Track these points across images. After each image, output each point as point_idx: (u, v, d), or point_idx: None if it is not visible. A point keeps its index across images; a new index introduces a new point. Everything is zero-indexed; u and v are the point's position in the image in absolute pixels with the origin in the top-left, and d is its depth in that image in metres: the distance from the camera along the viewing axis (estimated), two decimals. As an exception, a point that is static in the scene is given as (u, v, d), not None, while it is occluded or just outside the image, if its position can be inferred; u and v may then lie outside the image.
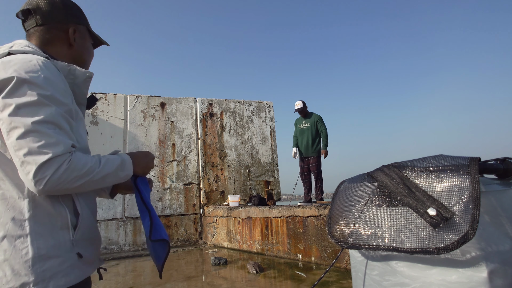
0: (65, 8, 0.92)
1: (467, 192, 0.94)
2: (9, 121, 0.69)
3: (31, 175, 0.68)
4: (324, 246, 4.57)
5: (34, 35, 0.90)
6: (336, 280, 3.77)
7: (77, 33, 0.95)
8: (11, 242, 0.70)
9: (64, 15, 0.92)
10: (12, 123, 0.69)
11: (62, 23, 0.92)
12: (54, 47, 0.91)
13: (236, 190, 8.27)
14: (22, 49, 0.81)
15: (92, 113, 7.37)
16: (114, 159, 0.84)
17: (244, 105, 8.98)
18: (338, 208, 1.28)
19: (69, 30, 0.93)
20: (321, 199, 5.83)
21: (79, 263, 0.78)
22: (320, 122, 5.86)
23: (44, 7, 0.88)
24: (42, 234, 0.73)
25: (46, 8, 0.89)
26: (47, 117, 0.71)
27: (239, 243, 6.37)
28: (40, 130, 0.70)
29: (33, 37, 0.90)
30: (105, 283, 4.36)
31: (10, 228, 0.71)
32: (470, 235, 0.89)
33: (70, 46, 0.93)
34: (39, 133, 0.69)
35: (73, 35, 0.93)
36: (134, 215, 7.27)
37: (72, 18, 0.94)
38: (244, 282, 4.04)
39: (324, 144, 5.77)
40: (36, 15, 0.88)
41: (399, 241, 1.02)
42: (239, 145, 8.61)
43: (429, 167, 1.06)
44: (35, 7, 0.88)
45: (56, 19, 0.91)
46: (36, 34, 0.89)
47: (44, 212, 0.74)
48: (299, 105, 6.01)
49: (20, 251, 0.70)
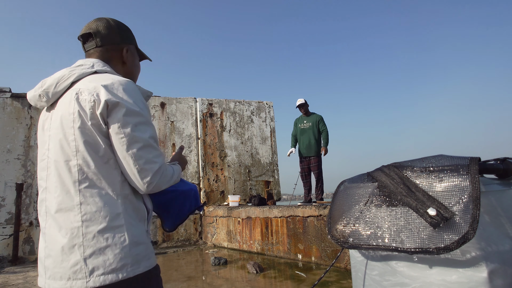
0: (120, 31, 1.07)
1: (467, 192, 0.94)
2: (130, 136, 0.87)
3: (147, 179, 0.88)
4: (324, 246, 4.57)
5: (94, 55, 1.03)
6: (336, 280, 3.77)
7: (129, 52, 1.09)
8: (111, 231, 0.85)
9: (119, 37, 1.07)
10: (133, 138, 0.87)
11: (118, 44, 1.06)
12: (112, 65, 1.05)
13: (236, 190, 8.27)
14: (104, 69, 0.98)
15: (92, 113, 7.38)
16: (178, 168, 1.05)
17: (244, 105, 8.98)
18: (338, 208, 1.28)
19: (123, 50, 1.07)
20: (321, 199, 5.82)
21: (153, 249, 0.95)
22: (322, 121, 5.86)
23: (103, 31, 1.03)
24: (132, 225, 0.88)
25: (104, 32, 1.03)
26: (152, 134, 0.92)
27: (239, 243, 6.37)
28: (152, 145, 0.91)
29: (93, 56, 1.03)
30: (105, 283, 4.36)
31: (110, 220, 0.85)
32: (470, 235, 0.89)
33: (123, 63, 1.08)
34: (151, 147, 0.90)
35: (126, 54, 1.08)
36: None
37: (125, 39, 1.08)
38: (244, 282, 4.04)
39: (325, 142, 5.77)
40: (96, 38, 1.02)
41: (399, 241, 1.02)
42: (239, 145, 8.61)
43: (429, 167, 1.06)
44: (95, 31, 1.03)
45: (113, 41, 1.05)
46: (95, 54, 1.03)
47: (131, 207, 0.91)
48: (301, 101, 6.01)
49: (119, 238, 0.85)
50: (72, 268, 0.82)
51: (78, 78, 0.93)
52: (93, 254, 0.82)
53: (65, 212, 0.86)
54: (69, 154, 0.87)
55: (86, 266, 0.82)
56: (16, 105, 6.84)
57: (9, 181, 6.52)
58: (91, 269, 0.82)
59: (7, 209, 6.41)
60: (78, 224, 0.84)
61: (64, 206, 0.86)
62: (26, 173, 6.68)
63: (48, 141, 0.93)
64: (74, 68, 0.95)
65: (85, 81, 0.92)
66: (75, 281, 0.82)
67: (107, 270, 0.82)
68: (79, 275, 0.82)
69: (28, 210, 6.57)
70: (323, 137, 5.83)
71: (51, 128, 0.92)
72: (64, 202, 0.86)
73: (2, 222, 6.35)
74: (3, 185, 6.47)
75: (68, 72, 0.93)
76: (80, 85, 0.91)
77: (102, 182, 0.87)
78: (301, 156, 5.98)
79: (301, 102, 6.04)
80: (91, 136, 0.87)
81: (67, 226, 0.85)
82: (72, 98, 0.89)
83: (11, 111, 6.78)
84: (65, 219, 0.85)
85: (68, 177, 0.87)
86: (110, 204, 0.86)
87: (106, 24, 1.05)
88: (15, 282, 4.52)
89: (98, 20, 1.05)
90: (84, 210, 0.85)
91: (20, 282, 4.52)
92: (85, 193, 0.86)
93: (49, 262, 0.86)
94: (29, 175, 6.69)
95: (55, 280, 0.84)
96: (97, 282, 0.81)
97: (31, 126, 6.87)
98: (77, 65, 0.97)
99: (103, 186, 0.87)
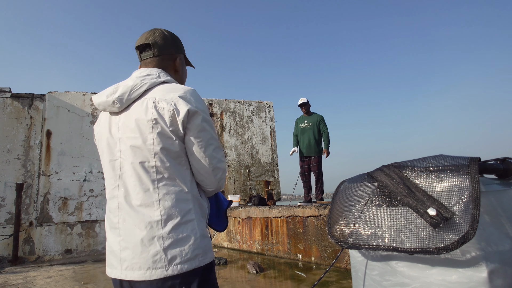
0: (174, 42, 1.16)
1: (467, 192, 0.94)
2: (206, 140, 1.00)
3: (218, 176, 1.04)
4: (324, 246, 4.57)
5: (150, 64, 1.12)
6: (336, 280, 3.77)
7: (181, 61, 1.19)
8: (185, 225, 0.94)
9: (174, 48, 1.16)
10: (208, 141, 1.00)
11: (172, 54, 1.16)
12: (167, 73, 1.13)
13: (236, 190, 8.27)
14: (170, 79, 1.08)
15: (92, 113, 7.37)
16: None
17: (244, 105, 8.98)
18: (338, 208, 1.28)
19: (177, 60, 1.17)
20: (321, 199, 5.82)
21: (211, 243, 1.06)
22: (322, 122, 5.87)
23: (159, 42, 1.12)
24: (200, 220, 0.99)
25: (161, 43, 1.12)
26: (217, 136, 1.06)
27: (239, 243, 6.38)
28: (220, 146, 1.05)
29: (150, 65, 1.12)
30: (105, 283, 4.36)
31: (184, 215, 0.95)
32: (470, 235, 0.89)
33: (176, 71, 1.18)
34: (219, 148, 1.05)
35: (178, 63, 1.18)
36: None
37: (178, 49, 1.18)
38: (244, 282, 4.04)
39: (326, 144, 5.77)
40: (154, 48, 1.11)
41: (399, 241, 1.02)
42: (239, 145, 8.61)
43: (429, 167, 1.06)
44: (153, 41, 1.11)
45: (168, 51, 1.14)
46: (152, 63, 1.12)
47: (198, 204, 1.01)
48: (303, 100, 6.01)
49: (192, 231, 0.95)
50: (152, 258, 0.90)
51: (150, 87, 1.02)
52: (171, 245, 0.91)
53: (145, 207, 0.94)
54: (147, 156, 0.96)
55: (165, 256, 0.90)
56: (16, 105, 6.84)
57: (9, 181, 6.53)
58: (170, 258, 0.90)
59: (7, 209, 6.41)
60: (157, 218, 0.93)
61: (144, 202, 0.94)
62: (26, 173, 6.68)
63: (118, 143, 1.01)
64: (143, 78, 1.04)
65: (158, 90, 1.01)
66: (155, 270, 0.89)
67: (183, 260, 0.91)
68: (159, 264, 0.89)
69: (28, 210, 6.58)
70: (324, 139, 5.83)
71: (123, 132, 1.00)
72: (144, 199, 0.95)
73: (2, 222, 6.35)
74: (3, 185, 6.47)
75: (139, 81, 1.02)
76: (155, 94, 1.00)
77: (176, 181, 0.97)
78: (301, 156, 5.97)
79: (303, 101, 6.04)
80: (169, 140, 0.96)
81: (146, 220, 0.93)
82: (149, 106, 0.97)
83: (11, 111, 6.78)
84: (144, 214, 0.94)
85: (147, 176, 0.96)
86: (183, 200, 0.97)
87: (162, 35, 1.14)
88: (15, 282, 4.52)
89: (154, 31, 1.14)
90: (162, 206, 0.94)
91: (20, 282, 4.52)
92: (162, 191, 0.95)
93: (127, 254, 0.94)
94: (29, 175, 6.69)
95: (134, 270, 0.91)
96: (175, 270, 0.90)
97: (31, 126, 6.87)
98: (144, 74, 1.05)
99: (177, 184, 0.97)
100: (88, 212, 6.93)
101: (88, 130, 7.25)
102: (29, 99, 6.97)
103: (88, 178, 7.07)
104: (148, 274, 0.90)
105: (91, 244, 6.85)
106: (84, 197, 6.97)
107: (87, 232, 6.87)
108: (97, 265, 5.71)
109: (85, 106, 7.34)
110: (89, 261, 6.09)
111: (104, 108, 1.04)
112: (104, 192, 7.13)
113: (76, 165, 7.03)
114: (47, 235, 6.60)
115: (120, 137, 1.00)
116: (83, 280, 4.57)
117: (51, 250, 6.58)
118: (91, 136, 7.25)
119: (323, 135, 5.83)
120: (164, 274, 0.89)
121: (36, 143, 6.86)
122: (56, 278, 4.73)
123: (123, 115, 1.02)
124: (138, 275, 0.90)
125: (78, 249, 6.75)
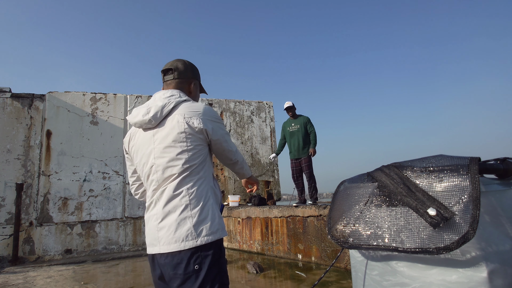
0: (192, 69, 1.45)
1: (467, 192, 0.94)
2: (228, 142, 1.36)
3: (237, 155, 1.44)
4: (324, 246, 4.57)
5: (171, 85, 1.40)
6: (336, 280, 3.77)
7: (195, 85, 1.47)
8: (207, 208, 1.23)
9: (191, 74, 1.44)
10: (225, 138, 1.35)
11: (189, 78, 1.43)
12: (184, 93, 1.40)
13: (236, 190, 8.27)
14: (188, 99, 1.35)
15: (92, 113, 7.37)
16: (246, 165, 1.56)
17: (244, 105, 8.98)
18: (338, 208, 1.28)
19: (192, 84, 1.45)
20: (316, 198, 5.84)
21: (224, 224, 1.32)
22: (309, 123, 5.94)
23: (180, 68, 1.41)
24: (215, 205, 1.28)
25: (181, 68, 1.41)
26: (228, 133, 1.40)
27: (239, 243, 6.38)
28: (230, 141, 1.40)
29: (170, 86, 1.40)
30: (105, 283, 4.36)
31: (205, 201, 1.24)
32: (470, 235, 0.89)
33: (190, 93, 1.44)
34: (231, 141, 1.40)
35: (193, 87, 1.45)
36: (134, 215, 7.27)
37: (194, 76, 1.46)
38: (244, 282, 4.04)
39: (313, 143, 5.82)
40: (175, 72, 1.40)
41: (399, 241, 1.02)
42: (239, 145, 8.61)
43: (429, 167, 1.06)
44: (175, 67, 1.41)
45: (186, 76, 1.43)
46: (172, 84, 1.40)
47: (213, 193, 1.30)
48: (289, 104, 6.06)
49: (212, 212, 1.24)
50: (185, 233, 1.18)
51: (175, 105, 1.30)
52: (199, 223, 1.20)
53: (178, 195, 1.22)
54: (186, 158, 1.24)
55: (195, 231, 1.18)
56: (16, 105, 6.84)
57: (9, 181, 6.52)
58: (198, 232, 1.18)
59: (7, 209, 6.41)
60: (187, 203, 1.21)
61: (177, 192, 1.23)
62: (26, 173, 6.68)
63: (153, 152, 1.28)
64: (169, 98, 1.31)
65: (184, 107, 1.29)
66: (187, 242, 1.17)
67: (208, 233, 1.20)
68: (190, 237, 1.17)
69: (28, 210, 6.57)
70: (311, 138, 5.87)
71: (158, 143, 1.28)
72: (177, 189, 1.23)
73: (2, 222, 6.35)
74: (3, 185, 6.47)
75: (167, 101, 1.30)
76: (182, 110, 1.28)
77: (199, 175, 1.26)
78: (292, 158, 6.01)
79: (288, 105, 6.07)
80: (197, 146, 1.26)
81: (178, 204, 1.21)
82: (180, 120, 1.25)
83: (11, 111, 6.78)
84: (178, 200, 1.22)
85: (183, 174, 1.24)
86: (204, 190, 1.26)
87: (183, 63, 1.44)
88: (15, 282, 4.52)
89: (177, 61, 1.44)
90: (190, 194, 1.23)
91: (20, 282, 4.52)
92: (190, 183, 1.24)
93: (163, 232, 1.21)
94: (29, 175, 6.69)
95: (170, 245, 1.18)
96: (203, 241, 1.18)
97: (31, 126, 6.87)
98: (168, 95, 1.33)
99: (200, 178, 1.26)
100: (88, 212, 6.93)
101: (88, 130, 7.25)
102: (29, 99, 6.96)
103: (88, 178, 7.07)
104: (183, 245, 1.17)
105: (91, 244, 6.85)
106: (84, 197, 6.97)
107: (87, 232, 6.87)
108: (97, 265, 5.71)
109: (85, 106, 7.34)
110: (89, 261, 6.09)
111: (141, 125, 1.31)
112: (104, 192, 7.13)
113: (76, 165, 7.02)
114: (47, 235, 6.60)
115: (155, 147, 1.28)
116: (83, 280, 4.57)
117: (51, 250, 6.57)
118: (91, 136, 7.25)
119: (311, 135, 5.87)
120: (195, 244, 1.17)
121: (36, 143, 6.86)
122: (56, 278, 4.73)
123: (157, 129, 1.29)
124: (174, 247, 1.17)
125: (78, 249, 6.75)
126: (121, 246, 7.06)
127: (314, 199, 5.77)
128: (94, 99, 7.45)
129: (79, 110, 7.27)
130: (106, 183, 7.18)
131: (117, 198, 7.20)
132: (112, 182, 7.22)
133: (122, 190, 7.29)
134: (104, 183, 7.16)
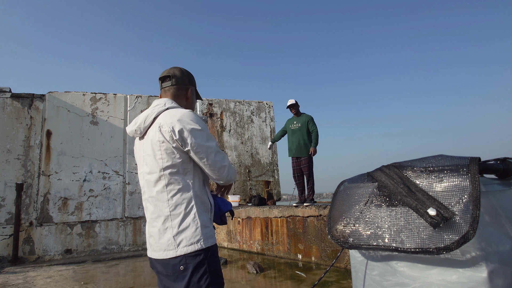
0: (188, 77, 1.48)
1: (467, 192, 0.94)
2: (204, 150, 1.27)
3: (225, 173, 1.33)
4: (324, 246, 4.57)
5: (168, 91, 1.43)
6: (336, 280, 3.77)
7: (192, 92, 1.49)
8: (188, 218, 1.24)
9: (188, 81, 1.47)
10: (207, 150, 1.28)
11: (186, 85, 1.46)
12: (179, 100, 1.44)
13: (236, 190, 8.27)
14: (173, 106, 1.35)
15: (92, 113, 7.37)
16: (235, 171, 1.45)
17: (244, 105, 8.98)
18: (338, 208, 1.28)
19: (188, 90, 1.47)
20: (312, 199, 5.80)
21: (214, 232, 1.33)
22: (311, 122, 5.85)
23: (177, 75, 1.44)
24: (201, 213, 1.27)
25: (179, 75, 1.44)
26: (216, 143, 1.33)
27: (239, 243, 6.38)
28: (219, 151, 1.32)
29: (168, 93, 1.43)
30: (105, 283, 4.36)
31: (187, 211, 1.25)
32: (470, 235, 0.89)
33: (187, 99, 1.47)
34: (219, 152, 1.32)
35: (189, 93, 1.47)
36: (134, 215, 7.27)
37: (190, 82, 1.48)
38: (244, 282, 4.04)
39: (314, 143, 5.75)
40: (172, 79, 1.43)
41: (399, 241, 1.02)
42: (239, 145, 8.61)
43: (429, 167, 1.06)
44: (172, 74, 1.43)
45: (183, 83, 1.45)
46: (170, 91, 1.43)
47: (200, 201, 1.29)
48: (292, 101, 6.01)
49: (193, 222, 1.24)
50: (166, 243, 1.23)
51: (157, 114, 1.32)
52: (179, 233, 1.23)
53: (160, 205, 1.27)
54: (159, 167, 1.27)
55: (175, 241, 1.22)
56: (16, 105, 6.84)
57: (9, 181, 6.53)
58: (178, 243, 1.22)
59: (7, 209, 6.41)
60: (168, 214, 1.25)
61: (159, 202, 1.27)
62: (26, 173, 6.68)
63: (143, 159, 1.33)
64: (153, 108, 1.34)
65: (163, 116, 1.30)
66: (168, 251, 1.22)
67: (188, 243, 1.22)
68: (171, 247, 1.22)
69: (28, 210, 6.58)
70: (312, 137, 5.79)
71: (143, 150, 1.33)
72: (159, 199, 1.27)
73: (2, 222, 6.35)
74: (3, 185, 6.47)
75: (150, 111, 1.33)
76: (160, 120, 1.29)
77: (180, 185, 1.27)
78: (293, 157, 5.95)
79: (291, 102, 6.03)
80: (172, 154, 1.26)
81: (160, 215, 1.26)
82: (157, 130, 1.27)
83: (11, 111, 6.78)
84: (160, 209, 1.26)
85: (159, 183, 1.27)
86: (186, 199, 1.26)
87: (180, 70, 1.46)
88: (15, 282, 4.52)
89: (174, 68, 1.47)
90: (170, 204, 1.25)
91: (20, 282, 4.52)
92: (171, 192, 1.26)
93: (151, 240, 1.29)
94: (29, 175, 6.69)
95: (156, 252, 1.26)
96: (182, 251, 1.21)
97: (31, 126, 6.87)
98: (155, 105, 1.36)
99: (181, 187, 1.27)
100: (88, 212, 6.93)
101: (88, 130, 7.25)
102: (29, 99, 6.97)
103: (88, 178, 7.07)
104: (164, 254, 1.23)
105: (91, 244, 6.85)
106: (84, 197, 6.97)
107: (87, 232, 6.87)
108: (97, 265, 5.72)
109: (85, 106, 7.34)
110: (89, 261, 6.09)
111: (133, 135, 1.38)
112: (104, 192, 7.13)
113: (76, 165, 7.02)
114: (47, 235, 6.60)
115: (144, 155, 1.33)
116: (83, 280, 4.57)
117: (51, 250, 6.57)
118: (91, 136, 7.25)
119: (313, 134, 5.80)
120: (175, 254, 1.21)
121: (36, 143, 6.86)
122: (56, 278, 4.73)
123: (144, 138, 1.35)
124: (159, 255, 1.24)
125: (78, 249, 6.75)
126: (121, 246, 7.06)
127: (310, 200, 5.74)
128: (94, 99, 7.45)
129: (79, 110, 7.27)
130: (106, 183, 7.18)
131: (117, 198, 7.20)
132: (112, 182, 7.23)
133: (122, 190, 7.29)
134: (104, 183, 7.16)
